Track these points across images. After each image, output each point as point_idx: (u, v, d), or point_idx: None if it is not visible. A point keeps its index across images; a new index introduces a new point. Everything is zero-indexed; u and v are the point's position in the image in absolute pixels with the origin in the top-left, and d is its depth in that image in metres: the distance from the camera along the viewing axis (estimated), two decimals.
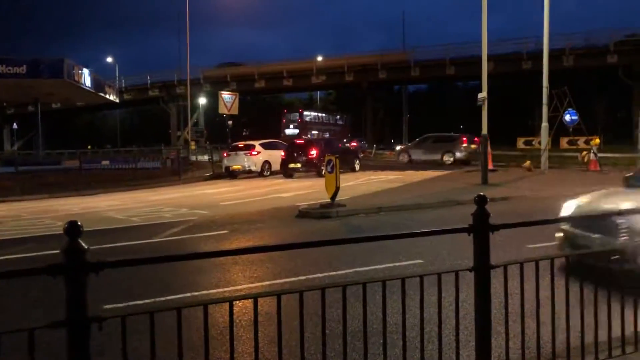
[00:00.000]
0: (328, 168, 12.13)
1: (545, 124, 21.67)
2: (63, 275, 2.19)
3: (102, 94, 36.63)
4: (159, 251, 8.45)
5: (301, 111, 46.56)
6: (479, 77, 17.68)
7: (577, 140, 34.61)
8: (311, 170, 22.88)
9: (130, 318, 2.43)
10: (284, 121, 44.81)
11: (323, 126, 45.99)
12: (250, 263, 7.27)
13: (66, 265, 2.19)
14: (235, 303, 2.70)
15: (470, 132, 29.93)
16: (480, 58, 17.69)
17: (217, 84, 53.04)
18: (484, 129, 17.19)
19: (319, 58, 55.61)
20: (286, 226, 11.03)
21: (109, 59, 73.05)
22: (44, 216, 13.38)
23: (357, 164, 25.42)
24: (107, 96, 38.16)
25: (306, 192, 16.44)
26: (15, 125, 53.24)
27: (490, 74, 18.54)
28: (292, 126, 43.74)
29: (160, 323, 2.49)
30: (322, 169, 13.99)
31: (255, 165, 24.56)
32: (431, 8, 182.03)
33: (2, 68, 27.47)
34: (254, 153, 24.72)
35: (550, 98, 21.87)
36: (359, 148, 38.42)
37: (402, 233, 3.31)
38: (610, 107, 58.28)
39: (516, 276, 3.27)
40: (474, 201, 3.13)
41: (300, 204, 13.00)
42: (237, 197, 16.31)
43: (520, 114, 61.55)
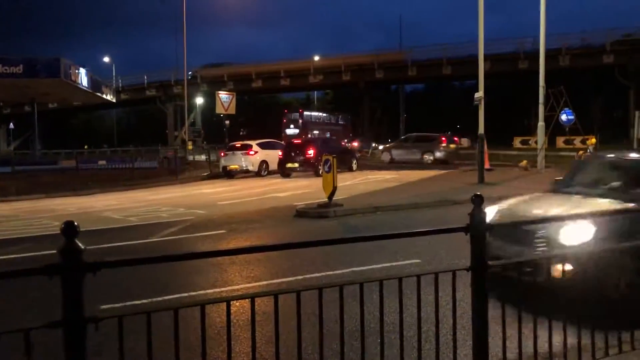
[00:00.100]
0: (325, 168, 12.13)
1: (541, 124, 21.70)
2: (60, 275, 2.19)
3: (99, 94, 36.55)
4: (156, 251, 8.44)
5: (301, 111, 46.46)
6: (476, 77, 17.72)
7: (574, 139, 34.70)
8: (309, 169, 22.87)
9: (127, 318, 2.43)
10: (285, 121, 44.72)
11: (324, 126, 45.84)
12: (247, 263, 7.27)
13: (63, 265, 2.19)
14: (232, 303, 2.70)
15: (468, 132, 30.14)
16: (477, 58, 17.73)
17: (215, 84, 53.00)
18: (481, 129, 17.22)
19: (316, 58, 55.59)
20: (284, 226, 11.03)
21: (106, 59, 72.80)
22: (41, 216, 13.35)
23: (355, 164, 25.45)
24: (104, 96, 38.07)
25: (303, 192, 16.45)
26: (11, 125, 53.16)
27: (487, 74, 18.57)
28: (293, 126, 43.67)
29: (157, 323, 2.49)
30: (320, 169, 13.98)
31: (252, 165, 24.54)
32: (429, 8, 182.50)
33: None
34: (252, 153, 24.69)
35: (546, 98, 21.93)
36: (357, 148, 38.42)
37: (400, 233, 3.31)
38: (606, 107, 58.31)
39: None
40: (471, 200, 3.14)
41: (297, 204, 13.01)
42: (235, 197, 16.30)
43: (516, 114, 61.61)
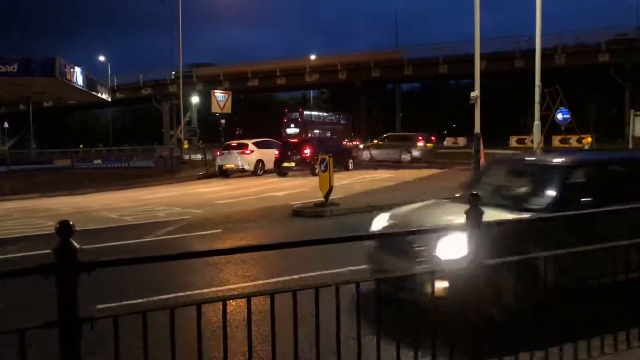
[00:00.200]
0: (322, 167, 12.11)
1: (537, 123, 21.73)
2: (54, 275, 2.17)
3: (94, 93, 36.50)
4: (152, 250, 8.41)
5: (301, 110, 46.42)
6: (472, 76, 17.72)
7: (569, 138, 34.78)
8: (305, 169, 22.86)
9: (122, 318, 2.42)
10: (285, 120, 44.67)
11: (325, 126, 45.81)
12: (243, 262, 7.26)
13: (58, 265, 2.18)
14: (228, 302, 2.70)
15: (465, 131, 30.37)
16: (473, 57, 17.75)
17: (210, 83, 52.90)
18: (477, 128, 17.25)
19: (313, 57, 55.55)
20: (280, 225, 11.02)
21: (101, 58, 72.74)
22: (36, 215, 13.28)
23: (351, 163, 25.44)
24: (99, 95, 38.03)
25: (300, 191, 16.44)
26: (6, 124, 52.88)
27: (482, 73, 18.61)
28: (293, 125, 43.64)
29: (153, 323, 2.48)
30: (316, 168, 13.97)
31: (248, 164, 24.50)
32: (426, 7, 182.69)
33: None
34: (248, 152, 24.65)
35: (542, 97, 21.96)
36: (354, 147, 38.41)
37: (397, 232, 3.31)
38: (601, 106, 58.57)
39: None
40: (468, 199, 3.14)
41: (293, 203, 13.01)
42: (231, 196, 16.27)
43: (512, 113, 61.72)
